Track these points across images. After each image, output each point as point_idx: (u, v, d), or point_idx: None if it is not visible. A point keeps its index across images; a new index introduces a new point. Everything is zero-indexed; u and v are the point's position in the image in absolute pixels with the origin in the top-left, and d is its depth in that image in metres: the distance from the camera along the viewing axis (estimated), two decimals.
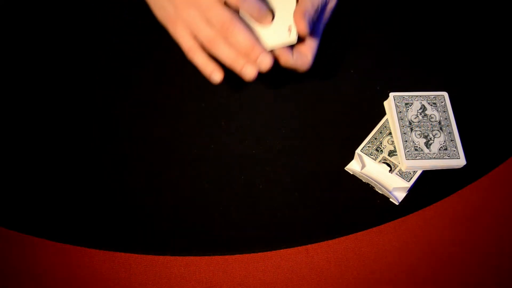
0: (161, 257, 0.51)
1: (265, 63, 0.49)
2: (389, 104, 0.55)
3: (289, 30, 0.49)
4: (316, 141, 0.57)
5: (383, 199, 0.53)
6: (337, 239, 0.52)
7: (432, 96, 0.55)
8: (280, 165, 0.55)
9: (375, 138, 0.54)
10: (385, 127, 0.55)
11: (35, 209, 0.52)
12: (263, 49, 0.49)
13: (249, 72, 0.50)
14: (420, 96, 0.55)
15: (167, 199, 0.53)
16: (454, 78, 0.62)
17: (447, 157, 0.51)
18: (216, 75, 0.52)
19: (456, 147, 0.51)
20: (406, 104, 0.54)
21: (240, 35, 0.48)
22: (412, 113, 0.54)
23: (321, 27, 0.53)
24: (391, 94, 0.55)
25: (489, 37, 0.65)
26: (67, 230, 0.51)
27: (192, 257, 0.51)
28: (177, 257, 0.51)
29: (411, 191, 0.53)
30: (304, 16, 0.48)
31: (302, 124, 0.58)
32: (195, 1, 0.48)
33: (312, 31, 0.52)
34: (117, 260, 0.51)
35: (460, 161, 0.51)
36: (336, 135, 0.57)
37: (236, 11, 0.49)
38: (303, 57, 0.52)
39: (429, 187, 0.54)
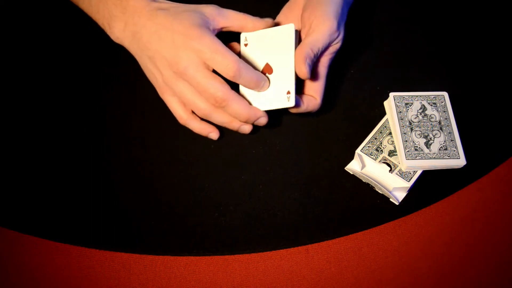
0: (161, 257, 0.51)
1: (262, 123, 0.51)
2: (389, 104, 0.55)
3: (288, 93, 0.50)
4: (316, 141, 0.57)
5: (383, 199, 0.53)
6: (337, 239, 0.52)
7: (432, 96, 0.55)
8: (280, 165, 0.55)
9: (375, 138, 0.54)
10: (385, 127, 0.55)
11: (35, 209, 0.52)
12: (259, 112, 0.50)
13: (245, 130, 0.52)
14: (420, 96, 0.55)
15: (167, 199, 0.53)
16: (454, 78, 0.62)
17: (447, 157, 0.51)
18: (213, 135, 0.54)
19: (456, 147, 0.51)
20: (406, 104, 0.54)
21: (235, 107, 0.48)
22: (412, 113, 0.54)
23: (325, 68, 0.54)
24: (391, 94, 0.55)
25: (489, 37, 0.65)
26: (67, 230, 0.51)
27: (192, 257, 0.51)
28: (177, 257, 0.51)
29: (411, 191, 0.53)
30: (305, 60, 0.48)
31: (302, 124, 0.58)
32: (183, 74, 0.46)
33: (316, 74, 0.52)
34: (117, 260, 0.51)
35: (460, 161, 0.51)
36: (336, 135, 0.57)
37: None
38: (312, 101, 0.53)
39: (429, 187, 0.54)
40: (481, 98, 0.60)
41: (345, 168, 0.55)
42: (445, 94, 0.55)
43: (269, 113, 0.59)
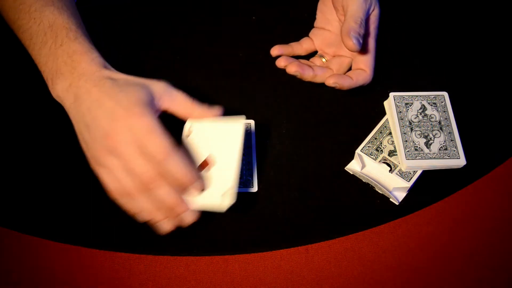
0: (161, 257, 0.51)
1: (187, 221, 0.46)
2: (389, 104, 0.55)
3: (223, 194, 0.45)
4: (316, 141, 0.57)
5: (383, 199, 0.53)
6: (337, 239, 0.52)
7: (432, 96, 0.55)
8: (280, 165, 0.55)
9: (375, 138, 0.54)
10: (385, 127, 0.55)
11: (35, 209, 0.52)
12: (188, 206, 0.45)
13: (165, 227, 0.46)
14: (420, 96, 0.55)
15: None
16: (454, 78, 0.62)
17: (447, 157, 0.51)
18: (140, 216, 0.46)
19: (456, 147, 0.51)
20: (406, 104, 0.54)
21: (163, 192, 0.44)
22: (412, 113, 0.54)
23: (373, 39, 0.54)
24: (391, 94, 0.55)
25: (489, 37, 0.65)
26: (67, 230, 0.51)
27: (192, 257, 0.51)
28: (177, 257, 0.51)
29: (411, 191, 0.53)
30: (349, 34, 0.49)
31: (302, 124, 0.58)
32: (115, 148, 0.43)
33: (362, 47, 0.53)
34: (117, 260, 0.51)
35: (460, 161, 0.51)
36: (336, 135, 0.57)
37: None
38: (362, 74, 0.53)
39: (429, 187, 0.54)
40: (481, 98, 0.60)
41: (345, 168, 0.55)
42: (445, 94, 0.55)
43: (269, 113, 0.59)
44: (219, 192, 0.46)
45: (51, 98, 0.59)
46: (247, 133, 0.56)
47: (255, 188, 0.53)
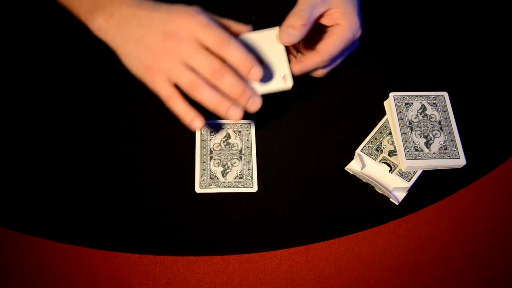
0: (161, 257, 0.51)
1: (255, 106, 0.48)
2: (389, 104, 0.55)
3: (284, 78, 0.49)
4: (316, 141, 0.57)
5: (383, 199, 0.53)
6: (337, 239, 0.52)
7: (432, 96, 0.55)
8: (280, 165, 0.55)
9: (375, 138, 0.54)
10: (385, 127, 0.55)
11: (35, 209, 0.52)
12: (254, 92, 0.48)
13: (235, 115, 0.48)
14: (420, 96, 0.55)
15: (167, 199, 0.53)
16: (454, 78, 0.62)
17: (447, 157, 0.51)
18: (196, 123, 0.49)
19: (456, 147, 0.51)
20: (406, 104, 0.54)
21: (231, 78, 0.46)
22: (412, 113, 0.54)
23: (342, 27, 0.52)
24: (391, 94, 0.55)
25: (489, 37, 0.65)
26: (67, 230, 0.51)
27: (192, 257, 0.51)
28: (177, 257, 0.51)
29: (411, 191, 0.53)
30: (282, 28, 0.50)
31: (302, 124, 0.58)
32: (176, 49, 0.47)
33: (321, 30, 0.52)
34: (117, 260, 0.51)
35: (460, 161, 0.51)
36: (336, 135, 0.57)
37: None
38: (314, 55, 0.52)
39: (429, 187, 0.54)
40: (481, 98, 0.60)
41: (345, 168, 0.55)
42: (445, 94, 0.55)
43: (269, 113, 0.59)
44: (279, 76, 0.50)
45: (51, 99, 0.59)
46: (247, 133, 0.56)
47: (255, 188, 0.53)
